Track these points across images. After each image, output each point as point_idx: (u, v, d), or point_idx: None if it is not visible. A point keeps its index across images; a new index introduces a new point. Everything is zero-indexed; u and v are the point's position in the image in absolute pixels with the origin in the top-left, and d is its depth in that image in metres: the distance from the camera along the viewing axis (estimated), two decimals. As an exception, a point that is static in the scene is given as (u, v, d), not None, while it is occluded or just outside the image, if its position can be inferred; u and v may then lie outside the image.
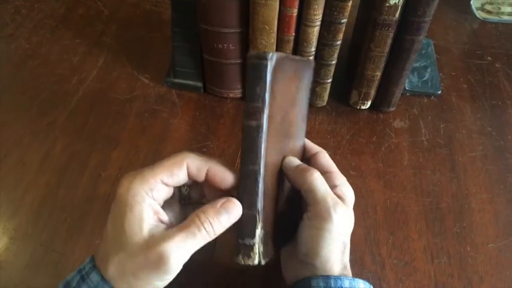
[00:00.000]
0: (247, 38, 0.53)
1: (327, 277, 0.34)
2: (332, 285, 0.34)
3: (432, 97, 0.62)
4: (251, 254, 0.34)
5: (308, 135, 0.56)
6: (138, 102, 0.60)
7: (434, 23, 0.73)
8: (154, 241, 0.31)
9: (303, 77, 0.40)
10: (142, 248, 0.31)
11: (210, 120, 0.59)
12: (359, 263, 0.46)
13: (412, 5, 0.48)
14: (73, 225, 0.48)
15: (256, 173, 0.34)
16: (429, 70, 0.64)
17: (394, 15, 0.48)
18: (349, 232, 0.37)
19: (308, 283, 0.34)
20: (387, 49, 0.52)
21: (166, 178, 0.33)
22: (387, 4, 0.47)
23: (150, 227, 0.32)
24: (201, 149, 0.55)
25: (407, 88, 0.62)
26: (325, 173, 0.39)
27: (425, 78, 0.63)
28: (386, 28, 0.50)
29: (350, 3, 0.48)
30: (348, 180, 0.52)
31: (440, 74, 0.65)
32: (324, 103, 0.60)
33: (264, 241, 0.35)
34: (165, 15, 0.72)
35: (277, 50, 0.53)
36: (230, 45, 0.54)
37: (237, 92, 0.60)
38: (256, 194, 0.34)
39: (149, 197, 0.32)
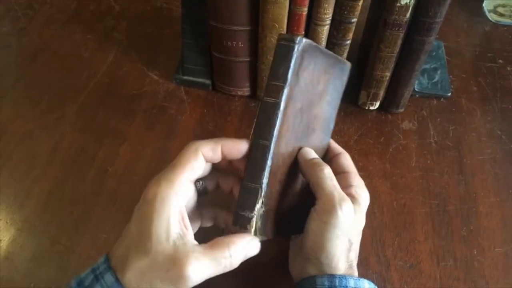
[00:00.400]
0: (256, 36, 0.53)
1: (332, 276, 0.34)
2: (337, 284, 0.34)
3: (442, 99, 0.62)
4: (248, 226, 0.35)
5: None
6: (147, 98, 0.60)
7: (445, 25, 0.73)
8: (179, 257, 0.31)
9: (335, 75, 0.41)
10: (166, 260, 0.31)
11: (217, 117, 0.59)
12: (364, 264, 0.46)
13: (423, 6, 0.47)
14: (79, 219, 0.48)
15: (266, 148, 0.35)
16: (439, 72, 0.64)
17: (405, 16, 0.48)
18: (357, 231, 0.37)
19: (313, 281, 0.34)
20: (397, 49, 0.52)
21: (190, 174, 0.34)
22: (398, 4, 0.47)
23: (176, 237, 0.32)
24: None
25: (416, 89, 0.61)
26: (343, 173, 0.40)
27: (435, 80, 0.63)
28: (396, 28, 0.49)
29: (360, 3, 0.47)
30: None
31: (450, 76, 0.64)
32: (333, 103, 0.60)
33: (263, 219, 0.36)
34: (175, 11, 0.72)
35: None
36: (240, 43, 0.54)
37: (245, 90, 0.60)
38: (263, 168, 0.35)
39: (177, 201, 0.33)
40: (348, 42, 0.52)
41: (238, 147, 0.36)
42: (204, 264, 0.32)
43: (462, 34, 0.72)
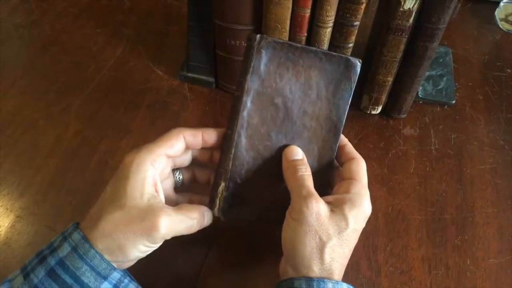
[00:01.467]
0: (260, 36, 0.53)
1: (310, 279, 0.34)
2: (315, 287, 0.34)
3: (446, 107, 0.61)
4: (212, 204, 0.40)
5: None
6: (151, 94, 0.61)
7: (455, 31, 0.72)
8: (153, 210, 0.34)
9: (328, 71, 0.40)
10: (139, 213, 0.34)
11: (219, 115, 0.59)
12: (355, 268, 0.46)
13: (426, 12, 0.47)
14: (78, 209, 0.49)
15: (229, 138, 0.40)
16: (445, 79, 0.63)
17: (408, 21, 0.48)
18: (331, 232, 0.36)
19: (291, 283, 0.34)
20: (399, 54, 0.51)
21: (168, 150, 0.38)
22: (401, 9, 0.47)
23: (149, 196, 0.35)
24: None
25: (420, 95, 0.61)
26: (349, 179, 0.39)
27: (440, 87, 0.62)
28: (399, 33, 0.49)
29: (363, 6, 0.47)
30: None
31: (456, 84, 0.64)
32: (334, 106, 0.60)
33: (227, 200, 0.40)
34: (184, 9, 0.72)
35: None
36: (243, 42, 0.54)
37: (248, 89, 0.60)
38: (226, 154, 0.40)
39: (153, 167, 0.36)
40: (351, 45, 0.52)
41: (216, 134, 0.40)
42: (174, 219, 0.35)
43: (472, 41, 0.71)
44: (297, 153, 0.40)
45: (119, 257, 0.34)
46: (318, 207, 0.36)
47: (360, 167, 0.40)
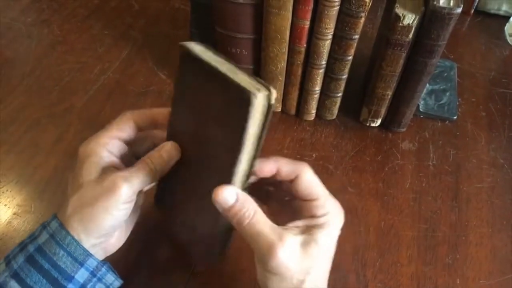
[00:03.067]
0: (260, 45, 0.54)
1: None
2: None
3: (447, 122, 0.61)
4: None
5: (312, 146, 0.57)
6: (152, 97, 0.62)
7: (462, 45, 0.71)
8: (109, 174, 0.36)
9: (230, 99, 0.32)
10: (98, 181, 0.35)
11: (218, 121, 0.60)
12: (343, 281, 0.46)
13: (426, 28, 0.47)
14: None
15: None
16: (447, 94, 0.63)
17: (407, 36, 0.48)
18: (306, 267, 0.33)
19: None
20: (399, 69, 0.51)
21: (119, 133, 0.39)
22: (400, 24, 0.47)
23: (105, 170, 0.36)
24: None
25: (421, 110, 0.61)
26: (307, 201, 0.36)
27: (442, 102, 0.62)
28: (398, 48, 0.49)
29: (362, 20, 0.47)
30: (345, 197, 0.52)
31: (459, 99, 0.63)
32: (333, 117, 0.60)
33: (160, 188, 0.42)
34: (191, 14, 0.74)
35: (288, 60, 0.53)
36: (243, 51, 0.55)
37: (248, 97, 0.61)
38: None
39: (105, 149, 0.37)
40: (350, 58, 0.51)
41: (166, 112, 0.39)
42: (130, 172, 0.36)
43: (479, 56, 0.70)
44: (230, 196, 0.33)
45: (94, 231, 0.35)
46: (286, 254, 0.32)
47: (308, 183, 0.35)
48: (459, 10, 0.45)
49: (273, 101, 0.31)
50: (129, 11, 0.75)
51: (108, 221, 0.35)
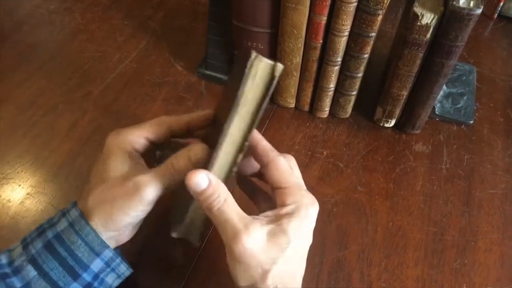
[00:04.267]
0: (276, 40, 0.54)
1: None
2: None
3: (463, 126, 0.60)
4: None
5: (324, 144, 0.57)
6: (168, 88, 0.63)
7: (483, 50, 0.70)
8: (133, 173, 0.36)
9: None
10: (121, 179, 0.35)
11: (231, 114, 0.60)
12: (346, 279, 0.46)
13: (445, 28, 0.46)
14: (85, 187, 0.51)
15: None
16: (465, 97, 0.62)
17: (425, 36, 0.47)
18: (272, 257, 0.33)
19: None
20: (415, 69, 0.51)
21: (149, 134, 0.38)
22: (418, 23, 0.46)
23: (130, 168, 0.36)
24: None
25: (437, 112, 0.60)
26: (279, 189, 0.35)
27: (459, 105, 0.61)
28: (415, 48, 0.48)
29: (379, 18, 0.47)
30: (354, 195, 0.52)
31: (477, 104, 0.62)
32: (347, 115, 0.59)
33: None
34: (211, 8, 0.74)
35: (303, 55, 0.53)
36: (260, 45, 0.55)
37: (262, 92, 0.61)
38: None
39: (133, 147, 0.37)
40: (366, 56, 0.51)
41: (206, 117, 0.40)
42: (154, 175, 0.35)
43: (499, 62, 0.69)
44: (202, 181, 0.33)
45: (112, 227, 0.35)
46: (250, 242, 0.32)
47: (280, 171, 0.35)
48: (479, 11, 0.44)
49: (276, 74, 0.32)
50: (149, 3, 0.76)
51: (127, 220, 0.35)
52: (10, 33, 0.69)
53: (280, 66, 0.32)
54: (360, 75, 0.53)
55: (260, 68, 0.32)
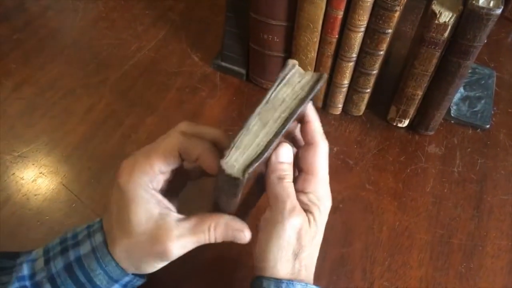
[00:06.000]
0: (292, 33, 0.54)
1: (279, 281, 0.33)
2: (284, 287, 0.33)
3: (478, 130, 0.59)
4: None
5: (335, 140, 0.57)
6: (183, 77, 0.63)
7: (505, 55, 0.69)
8: (161, 234, 0.33)
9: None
10: (148, 239, 0.33)
11: (244, 107, 0.60)
12: (348, 276, 0.45)
13: (463, 27, 0.45)
14: (94, 175, 0.52)
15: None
16: (483, 101, 0.61)
17: (442, 34, 0.46)
18: (305, 243, 0.34)
19: (260, 284, 0.34)
20: (431, 68, 0.50)
21: (162, 167, 0.34)
22: (436, 22, 0.46)
23: (156, 218, 0.33)
24: (226, 132, 0.57)
25: (453, 115, 0.59)
26: (305, 173, 0.36)
27: (476, 109, 0.60)
28: (432, 47, 0.48)
29: (396, 14, 0.46)
30: (361, 193, 0.52)
31: (494, 108, 0.61)
32: (360, 113, 0.59)
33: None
34: None
35: (318, 50, 0.53)
36: (275, 37, 0.55)
37: (276, 86, 0.61)
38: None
39: (150, 188, 0.34)
40: (381, 53, 0.51)
41: (210, 166, 0.33)
42: (184, 241, 0.33)
43: (521, 67, 0.67)
44: (288, 154, 0.35)
45: (134, 271, 0.35)
46: (300, 223, 0.34)
47: (318, 158, 0.35)
48: (499, 11, 0.43)
49: (318, 86, 0.32)
50: (171, -6, 0.77)
51: (151, 270, 0.35)
52: (35, 17, 0.71)
53: (324, 76, 0.33)
54: (375, 72, 0.53)
55: (297, 70, 0.33)
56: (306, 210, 0.35)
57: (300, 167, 0.36)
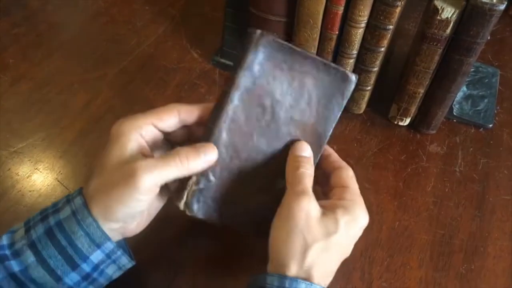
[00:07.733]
0: (292, 29, 0.53)
1: (283, 277, 0.33)
2: (287, 285, 0.32)
3: (481, 129, 0.58)
4: (179, 196, 0.38)
5: (335, 138, 0.55)
6: (182, 74, 0.63)
7: (509, 53, 0.68)
8: (131, 165, 0.33)
9: (323, 82, 0.38)
10: (119, 167, 0.34)
11: (243, 103, 0.59)
12: (346, 276, 0.44)
13: (465, 23, 0.45)
14: (90, 171, 0.51)
15: (211, 131, 0.37)
16: (486, 100, 0.60)
17: (444, 31, 0.46)
18: (317, 234, 0.34)
19: (264, 279, 0.34)
20: (433, 65, 0.49)
21: (156, 121, 0.36)
22: (438, 17, 0.45)
23: (131, 154, 0.35)
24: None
25: (455, 114, 0.58)
26: (341, 187, 0.39)
27: (478, 108, 0.59)
28: (434, 43, 0.47)
29: (397, 10, 0.45)
30: (361, 193, 0.51)
31: (498, 107, 0.60)
32: (361, 111, 0.58)
33: (196, 195, 0.38)
34: (232, -3, 0.74)
35: (318, 47, 0.52)
36: (275, 34, 0.54)
37: (276, 82, 0.60)
38: None
39: (137, 133, 0.35)
40: (382, 49, 0.50)
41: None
42: (153, 162, 0.33)
43: (526, 66, 0.66)
44: (306, 149, 0.38)
45: (110, 218, 0.34)
46: (309, 206, 0.35)
47: (349, 176, 0.39)
48: (502, 7, 0.42)
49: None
50: (171, -10, 0.76)
51: (125, 211, 0.34)
52: (35, 12, 0.70)
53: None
54: (375, 69, 0.52)
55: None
56: (330, 207, 0.36)
57: (335, 185, 0.39)
